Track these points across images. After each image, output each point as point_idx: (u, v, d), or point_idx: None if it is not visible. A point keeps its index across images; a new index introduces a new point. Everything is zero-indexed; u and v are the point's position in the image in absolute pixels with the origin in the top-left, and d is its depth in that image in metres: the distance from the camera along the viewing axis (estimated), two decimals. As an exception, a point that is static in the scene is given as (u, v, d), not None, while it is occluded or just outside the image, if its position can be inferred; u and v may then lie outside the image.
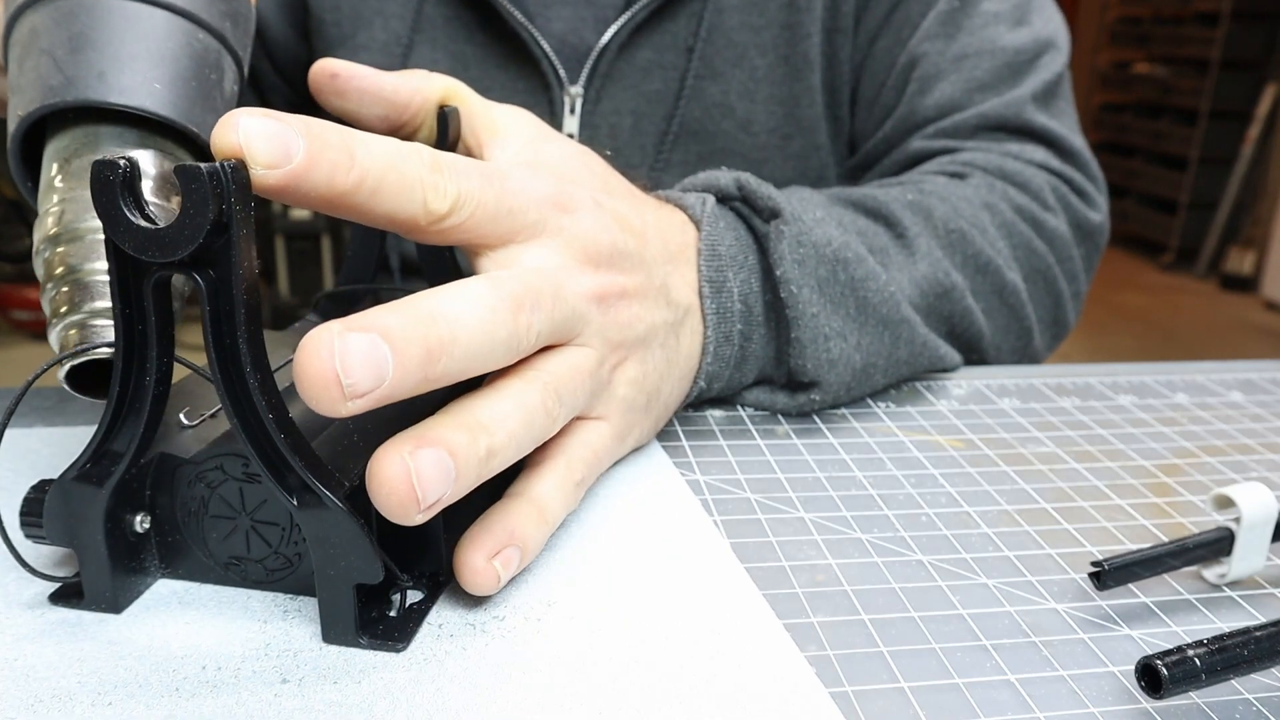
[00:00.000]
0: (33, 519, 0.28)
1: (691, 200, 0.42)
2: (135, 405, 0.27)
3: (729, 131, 0.62)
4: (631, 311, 0.36)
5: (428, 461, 0.26)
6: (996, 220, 0.52)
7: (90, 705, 0.25)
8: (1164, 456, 0.43)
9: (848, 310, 0.43)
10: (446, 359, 0.26)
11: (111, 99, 0.29)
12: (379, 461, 0.26)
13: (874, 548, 0.34)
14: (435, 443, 0.26)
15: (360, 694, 0.26)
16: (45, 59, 0.30)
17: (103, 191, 0.24)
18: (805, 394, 0.44)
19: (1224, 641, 0.26)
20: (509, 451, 0.29)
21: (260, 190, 0.25)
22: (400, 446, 0.26)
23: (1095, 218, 0.60)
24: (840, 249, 0.43)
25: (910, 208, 0.49)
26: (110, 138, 0.30)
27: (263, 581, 0.30)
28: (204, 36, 0.32)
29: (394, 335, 0.25)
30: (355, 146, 0.27)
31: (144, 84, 0.30)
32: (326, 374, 0.24)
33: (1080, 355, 2.83)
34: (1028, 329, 0.54)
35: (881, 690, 0.27)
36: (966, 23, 0.60)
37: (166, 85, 0.30)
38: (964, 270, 0.50)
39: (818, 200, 0.47)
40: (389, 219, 0.28)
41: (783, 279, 0.41)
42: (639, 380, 0.37)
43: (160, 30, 0.30)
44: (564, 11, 0.60)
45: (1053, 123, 0.60)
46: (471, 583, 0.29)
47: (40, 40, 0.30)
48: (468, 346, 0.27)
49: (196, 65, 0.31)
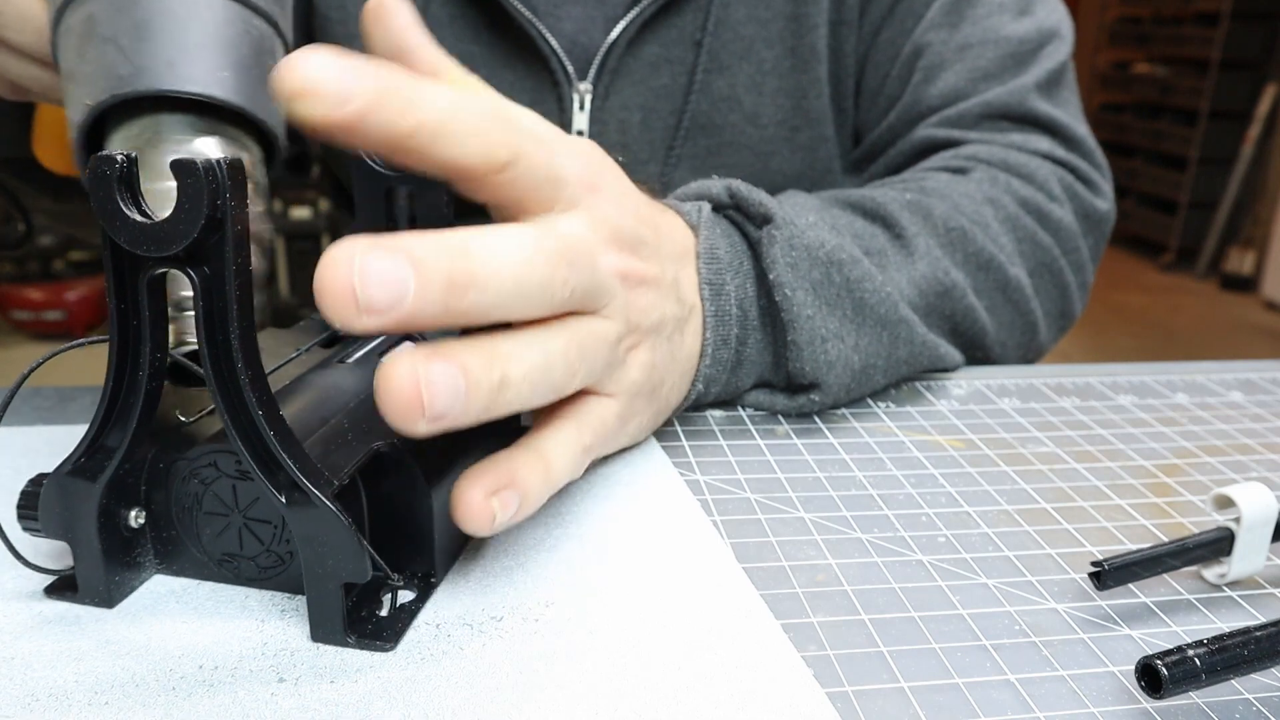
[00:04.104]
0: (29, 512, 0.28)
1: (687, 207, 0.42)
2: (129, 401, 0.27)
3: (737, 124, 0.62)
4: (649, 298, 0.36)
5: (439, 372, 0.25)
6: (999, 215, 0.53)
7: (87, 704, 0.25)
8: (1164, 456, 0.43)
9: (844, 312, 0.43)
10: (475, 293, 0.26)
11: (184, 87, 0.29)
12: (387, 365, 0.25)
13: (874, 548, 0.34)
14: (448, 358, 0.26)
15: (357, 693, 0.26)
16: (109, 47, 0.29)
17: (100, 186, 0.24)
18: (805, 395, 0.43)
19: (1224, 641, 0.26)
20: (523, 389, 0.28)
21: (325, 127, 0.25)
22: (412, 356, 0.26)
23: (1102, 206, 0.60)
24: (834, 251, 0.43)
25: (908, 208, 0.49)
26: (178, 126, 0.30)
27: (256, 579, 0.30)
28: (259, 22, 0.31)
29: (419, 258, 0.25)
30: (419, 89, 0.26)
31: (212, 71, 0.30)
32: (343, 285, 0.24)
33: (1080, 355, 2.83)
34: (1033, 324, 0.54)
35: (881, 690, 0.27)
36: (970, 12, 0.60)
37: (233, 72, 0.30)
38: (965, 268, 0.50)
39: (812, 205, 0.47)
40: (450, 166, 0.28)
41: (776, 283, 0.41)
42: (649, 366, 0.37)
43: (220, 16, 0.30)
44: (573, 10, 0.60)
45: (1057, 111, 0.60)
46: (466, 517, 0.28)
47: (100, 28, 0.29)
48: (499, 286, 0.27)
49: (255, 51, 0.31)
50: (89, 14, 0.30)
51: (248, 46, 0.31)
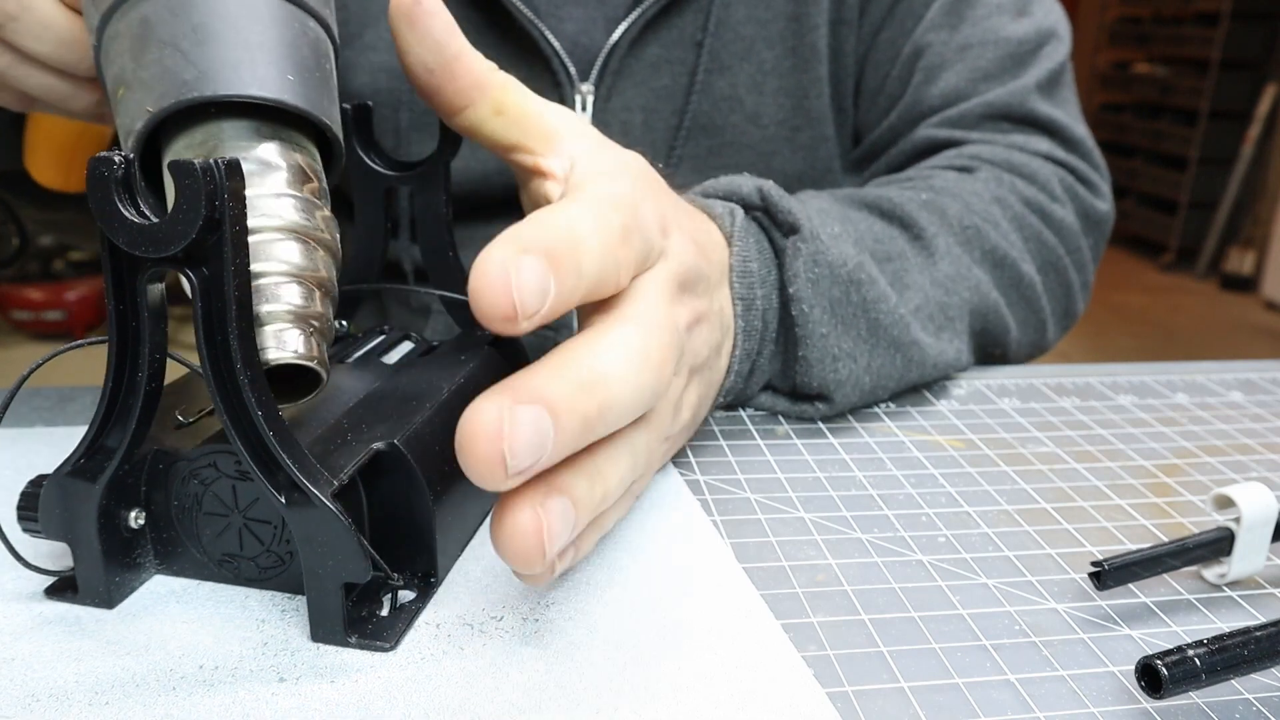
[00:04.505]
0: (29, 513, 0.28)
1: (720, 210, 0.42)
2: (128, 401, 0.27)
3: (738, 125, 0.62)
4: (702, 337, 0.36)
5: (555, 509, 0.25)
6: (1008, 214, 0.53)
7: (87, 704, 0.25)
8: (1164, 456, 0.43)
9: (859, 332, 0.43)
10: (601, 426, 0.26)
11: (252, 92, 0.28)
12: (503, 511, 0.25)
13: (874, 548, 0.34)
14: (561, 490, 0.26)
15: (357, 693, 0.26)
16: (170, 51, 0.28)
17: (98, 187, 0.24)
18: (809, 404, 0.44)
19: (1224, 641, 0.25)
20: (616, 493, 0.28)
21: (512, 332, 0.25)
22: (529, 497, 0.25)
23: (1101, 207, 0.60)
24: (855, 270, 0.43)
25: (925, 207, 0.49)
26: (242, 132, 0.29)
27: (256, 579, 0.30)
28: (314, 25, 0.31)
29: (558, 407, 0.24)
30: (582, 259, 0.26)
31: (278, 76, 0.29)
32: (493, 456, 0.23)
33: (1080, 355, 2.83)
34: (1043, 321, 0.55)
35: (881, 690, 0.27)
36: (970, 13, 0.61)
37: (297, 76, 0.29)
38: (983, 265, 0.50)
39: (835, 212, 0.46)
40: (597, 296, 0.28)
41: (795, 297, 0.41)
42: (696, 405, 0.37)
43: (279, 19, 0.29)
44: (575, 11, 0.60)
45: (1056, 112, 0.60)
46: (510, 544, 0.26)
47: (157, 31, 0.28)
48: (621, 409, 0.27)
49: (314, 54, 0.30)
50: (143, 17, 0.29)
51: (307, 48, 0.30)
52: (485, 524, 0.34)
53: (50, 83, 0.36)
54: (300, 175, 0.30)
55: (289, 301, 0.28)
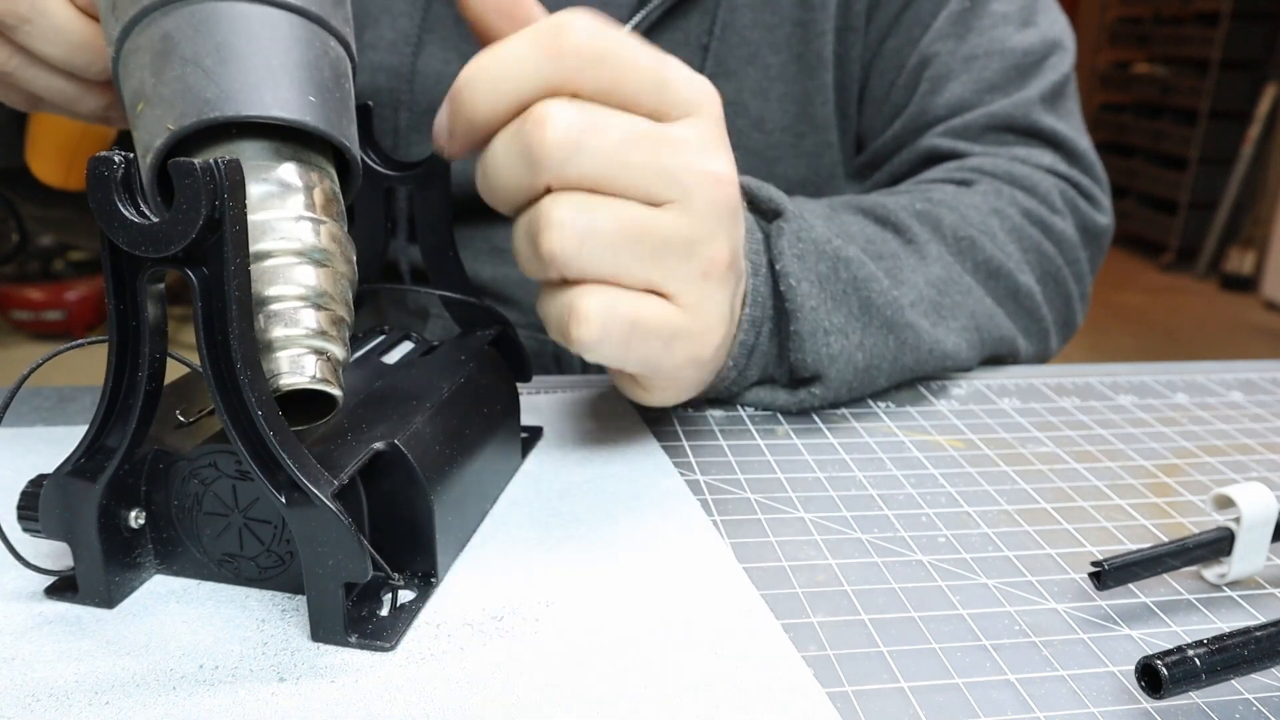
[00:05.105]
0: (29, 513, 0.28)
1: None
2: (128, 401, 0.27)
3: (742, 130, 0.62)
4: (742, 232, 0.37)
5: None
6: (1005, 225, 0.53)
7: (87, 704, 0.25)
8: (1164, 456, 0.43)
9: (850, 309, 0.43)
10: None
11: (274, 113, 0.28)
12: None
13: (874, 548, 0.34)
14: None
15: (357, 693, 0.26)
16: (192, 69, 0.28)
17: (98, 187, 0.24)
18: (806, 389, 0.44)
19: (1224, 641, 0.26)
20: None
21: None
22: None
23: (1101, 220, 0.60)
24: (840, 248, 0.43)
25: (918, 216, 0.49)
26: (261, 152, 0.29)
27: (256, 579, 0.30)
28: (335, 44, 0.30)
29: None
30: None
31: (299, 96, 0.28)
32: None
33: (1080, 355, 2.83)
34: (1046, 330, 0.55)
35: (881, 690, 0.27)
36: (976, 23, 0.60)
37: (318, 97, 0.29)
38: (975, 276, 0.50)
39: (821, 210, 0.47)
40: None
41: (782, 273, 0.41)
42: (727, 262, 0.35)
43: (302, 39, 0.29)
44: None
45: (1060, 124, 0.60)
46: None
47: (180, 48, 0.28)
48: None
49: (334, 74, 0.30)
50: (165, 32, 0.28)
51: (328, 68, 0.30)
52: (485, 524, 0.34)
53: (59, 85, 0.36)
54: (318, 197, 0.30)
55: (306, 326, 0.28)
